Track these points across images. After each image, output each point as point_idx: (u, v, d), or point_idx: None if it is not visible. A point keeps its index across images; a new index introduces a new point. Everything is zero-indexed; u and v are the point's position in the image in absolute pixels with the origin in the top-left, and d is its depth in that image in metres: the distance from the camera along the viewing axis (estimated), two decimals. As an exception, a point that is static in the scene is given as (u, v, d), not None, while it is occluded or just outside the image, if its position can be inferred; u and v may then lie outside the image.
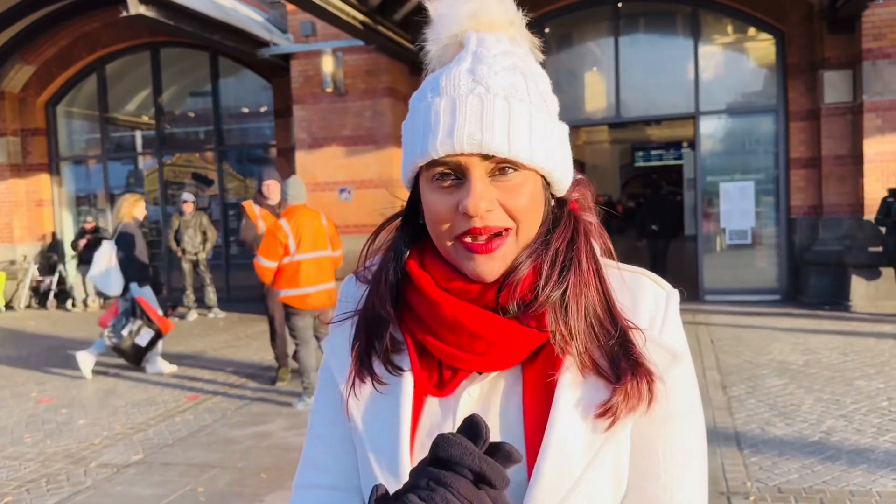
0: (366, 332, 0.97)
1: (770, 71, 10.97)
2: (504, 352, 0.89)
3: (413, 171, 0.92)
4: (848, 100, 10.00)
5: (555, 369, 0.89)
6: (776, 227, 10.99)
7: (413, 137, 0.91)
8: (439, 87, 0.89)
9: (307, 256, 6.06)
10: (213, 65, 13.27)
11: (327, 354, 1.04)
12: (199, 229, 11.40)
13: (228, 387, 7.02)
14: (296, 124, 11.22)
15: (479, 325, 0.88)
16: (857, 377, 6.41)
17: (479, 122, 0.85)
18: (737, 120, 11.21)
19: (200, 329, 10.50)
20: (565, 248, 0.92)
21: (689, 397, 0.93)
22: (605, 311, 0.91)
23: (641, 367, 0.87)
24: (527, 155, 0.87)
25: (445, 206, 0.88)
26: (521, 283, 0.89)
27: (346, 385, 0.97)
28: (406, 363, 0.94)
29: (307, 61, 11.01)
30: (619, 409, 0.86)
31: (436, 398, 0.93)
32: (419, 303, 0.93)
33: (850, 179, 10.10)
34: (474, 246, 0.87)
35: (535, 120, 0.89)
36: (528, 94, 0.90)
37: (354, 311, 1.00)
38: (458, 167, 0.87)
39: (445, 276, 0.92)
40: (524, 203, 0.88)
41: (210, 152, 14.01)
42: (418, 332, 0.93)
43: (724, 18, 11.18)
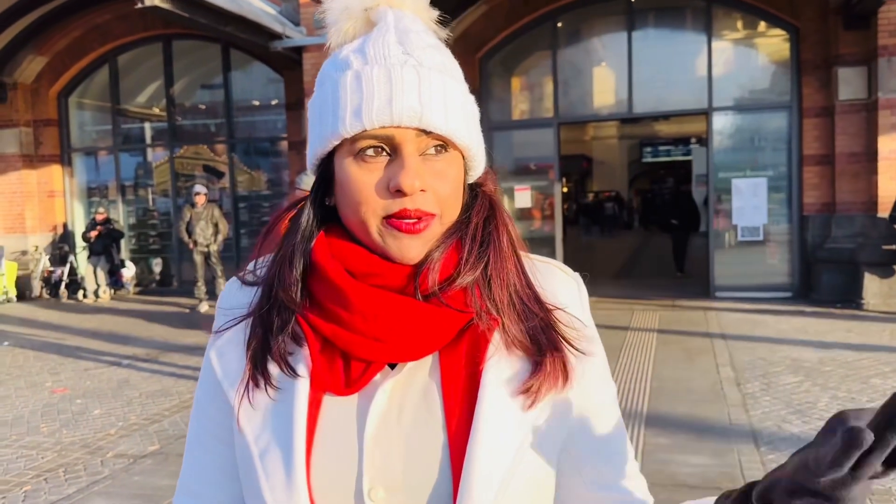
0: (262, 330, 0.88)
1: (784, 67, 10.91)
2: (422, 338, 0.82)
3: (331, 145, 0.84)
4: (863, 96, 9.95)
5: (480, 348, 0.84)
6: (788, 224, 10.95)
7: (336, 108, 0.82)
8: (367, 56, 0.83)
9: None
10: (224, 57, 13.26)
11: (211, 361, 0.93)
12: (211, 221, 11.42)
13: (242, 379, 7.03)
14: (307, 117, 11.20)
15: (396, 311, 0.82)
16: (873, 375, 6.39)
17: (418, 95, 0.80)
18: (750, 116, 11.16)
19: (212, 320, 10.51)
20: (483, 224, 0.88)
21: (607, 374, 0.94)
22: (525, 289, 0.88)
23: (561, 344, 0.86)
24: (462, 133, 0.84)
25: (372, 183, 0.81)
26: (440, 263, 0.84)
27: (238, 392, 0.87)
28: (303, 362, 0.85)
29: (320, 54, 10.98)
30: (541, 386, 0.83)
31: (341, 397, 0.85)
32: (324, 292, 0.85)
33: (863, 177, 10.05)
34: (402, 226, 0.81)
35: (465, 101, 0.86)
36: (454, 74, 0.86)
37: (248, 312, 0.90)
38: (391, 142, 0.81)
39: (359, 261, 0.85)
40: (451, 188, 0.84)
41: (221, 145, 14.02)
42: (323, 324, 0.85)
43: (738, 14, 11.13)
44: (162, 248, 14.27)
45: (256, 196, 13.90)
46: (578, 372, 0.87)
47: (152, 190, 14.53)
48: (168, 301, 12.60)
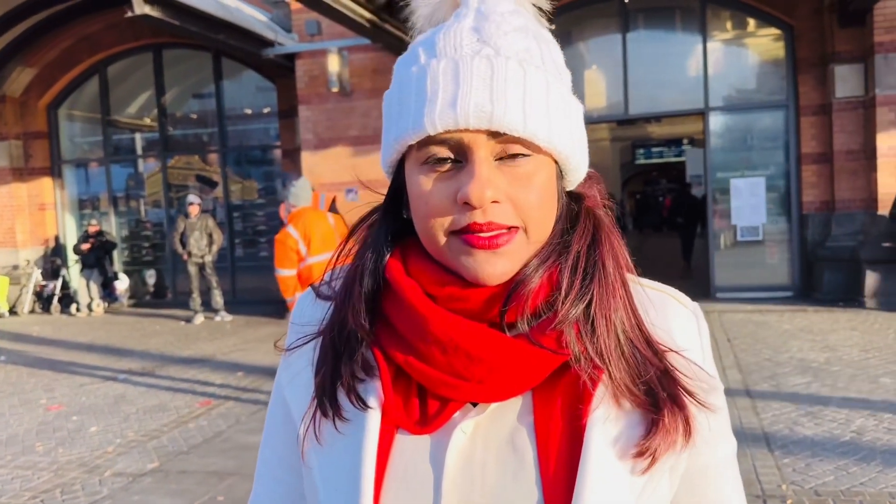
0: (333, 354, 0.79)
1: (780, 65, 10.87)
2: (509, 378, 0.72)
3: (398, 153, 0.75)
4: (860, 94, 9.91)
5: (582, 399, 0.72)
6: (788, 223, 10.89)
7: (401, 110, 0.74)
8: (435, 48, 0.73)
9: (318, 259, 5.91)
10: (216, 66, 13.16)
11: (283, 385, 0.86)
12: (205, 232, 11.29)
13: (241, 391, 6.90)
14: (301, 125, 11.13)
15: (479, 344, 0.71)
16: (881, 374, 6.31)
17: (489, 91, 0.69)
18: (746, 115, 11.11)
19: (208, 333, 10.39)
20: (586, 251, 0.76)
21: (728, 428, 0.82)
22: (635, 330, 0.75)
23: (681, 397, 0.74)
24: (545, 134, 0.71)
25: (440, 195, 0.71)
26: (533, 293, 0.72)
27: (304, 423, 0.80)
28: (375, 393, 0.76)
29: (312, 61, 10.91)
30: (658, 447, 0.71)
31: (417, 436, 0.75)
32: (401, 317, 0.76)
33: (862, 174, 10.00)
34: (474, 240, 0.70)
35: (552, 92, 0.73)
36: (543, 62, 0.74)
37: (318, 331, 0.83)
38: (460, 147, 0.71)
39: (436, 281, 0.74)
40: (536, 197, 0.72)
41: (213, 154, 13.90)
42: (397, 353, 0.75)
43: (733, 13, 11.08)
44: (155, 260, 14.13)
45: (250, 205, 13.79)
46: (702, 429, 0.75)
47: (144, 201, 14.40)
48: (163, 313, 12.46)
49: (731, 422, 0.84)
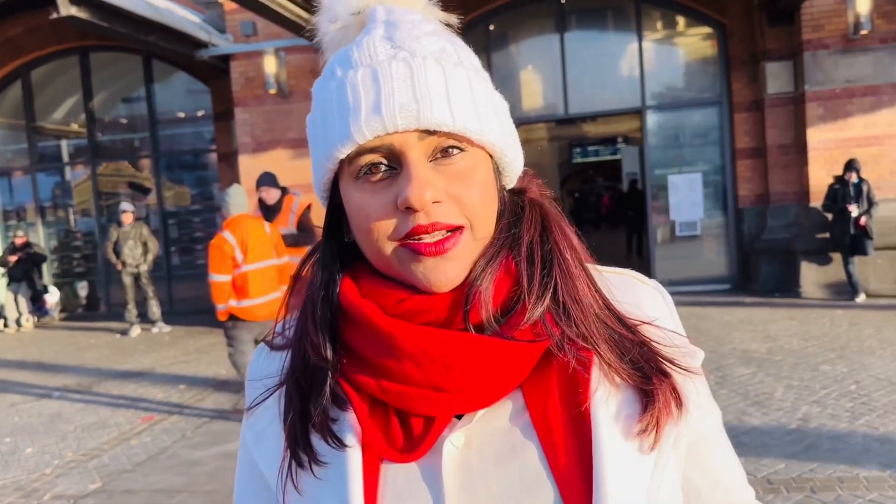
0: (300, 397, 0.74)
1: (713, 63, 11.13)
2: (491, 381, 0.68)
3: (330, 171, 0.72)
4: (790, 90, 10.21)
5: (578, 384, 0.69)
6: (724, 217, 11.16)
7: (326, 127, 0.71)
8: (350, 60, 0.71)
9: (254, 267, 5.79)
10: (146, 68, 12.77)
11: (250, 446, 0.81)
12: (140, 240, 10.91)
13: (184, 405, 6.67)
14: (238, 128, 10.87)
15: (453, 350, 0.68)
16: (821, 362, 6.49)
17: (412, 90, 0.67)
18: (682, 113, 11.33)
19: (146, 345, 10.05)
20: (539, 240, 0.74)
21: (708, 391, 0.81)
22: (604, 310, 0.74)
23: (663, 366, 0.72)
24: (475, 126, 0.69)
25: (379, 204, 0.69)
26: (493, 290, 0.70)
27: (280, 476, 0.74)
28: (351, 428, 0.71)
29: (248, 62, 10.67)
30: (660, 420, 0.69)
31: (403, 465, 0.71)
32: (365, 341, 0.71)
33: (794, 168, 10.31)
34: (421, 247, 0.68)
35: (476, 87, 0.71)
36: (461, 60, 0.72)
37: (279, 382, 0.78)
38: (391, 152, 0.68)
39: (394, 300, 0.71)
40: (478, 193, 0.70)
41: (145, 160, 13.47)
42: (368, 380, 0.71)
43: (667, 12, 11.29)
44: (87, 271, 13.61)
45: (186, 211, 13.42)
46: (691, 394, 0.73)
47: (73, 210, 13.86)
48: (97, 326, 12.00)
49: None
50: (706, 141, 11.25)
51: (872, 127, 9.65)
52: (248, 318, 5.87)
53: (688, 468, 0.78)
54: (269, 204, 6.94)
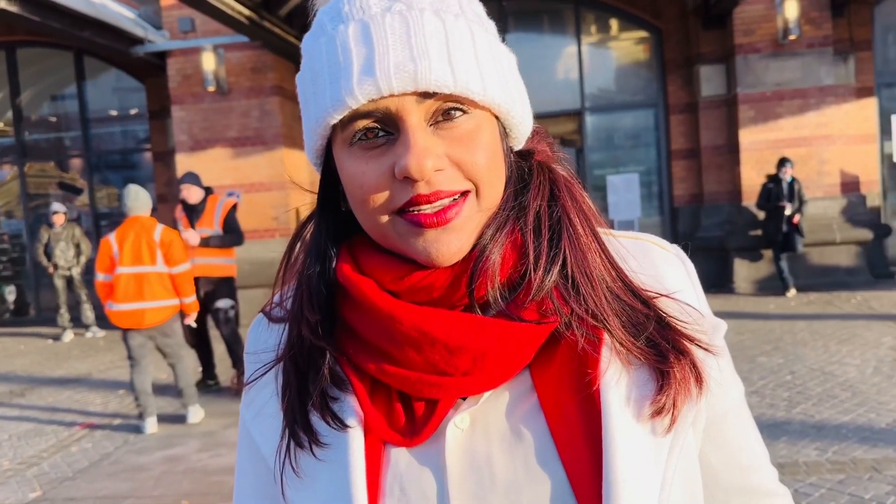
0: (297, 376, 0.71)
1: (649, 66, 11.42)
2: (497, 363, 0.65)
3: (323, 137, 0.67)
4: (723, 93, 10.55)
5: (587, 364, 0.66)
6: (661, 216, 11.46)
7: (316, 88, 0.66)
8: (341, 13, 0.65)
9: (125, 271, 5.64)
10: (77, 65, 12.33)
11: (248, 422, 0.78)
12: (72, 242, 10.55)
13: (125, 410, 6.49)
14: (175, 126, 10.61)
15: (457, 333, 0.64)
16: (758, 354, 6.72)
17: (408, 48, 0.62)
18: (619, 114, 11.59)
19: (80, 350, 9.72)
20: (547, 209, 0.69)
21: (733, 368, 0.77)
22: (617, 282, 0.69)
23: (681, 342, 0.67)
24: (478, 87, 0.64)
25: (375, 172, 0.64)
26: (499, 264, 0.66)
27: (278, 455, 0.71)
28: (352, 410, 0.68)
29: (185, 59, 10.44)
30: (677, 400, 0.65)
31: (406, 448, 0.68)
32: (363, 321, 0.68)
33: (727, 168, 10.65)
34: (421, 217, 0.63)
35: (478, 41, 0.66)
36: (462, 10, 0.67)
37: (277, 357, 0.74)
38: (387, 116, 0.63)
39: (394, 274, 0.67)
40: (484, 156, 0.65)
41: (77, 159, 13.03)
42: (368, 362, 0.68)
43: (605, 16, 11.53)
44: (15, 275, 13.06)
45: (119, 213, 12.97)
46: (712, 371, 0.68)
47: (-1, 212, 13.30)
48: (27, 332, 11.52)
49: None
50: (643, 142, 11.53)
51: (801, 128, 10.05)
52: (117, 324, 5.79)
53: (704, 446, 0.73)
54: (191, 203, 6.72)
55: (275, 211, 10.20)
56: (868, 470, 4.04)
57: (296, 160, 10.82)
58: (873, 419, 4.80)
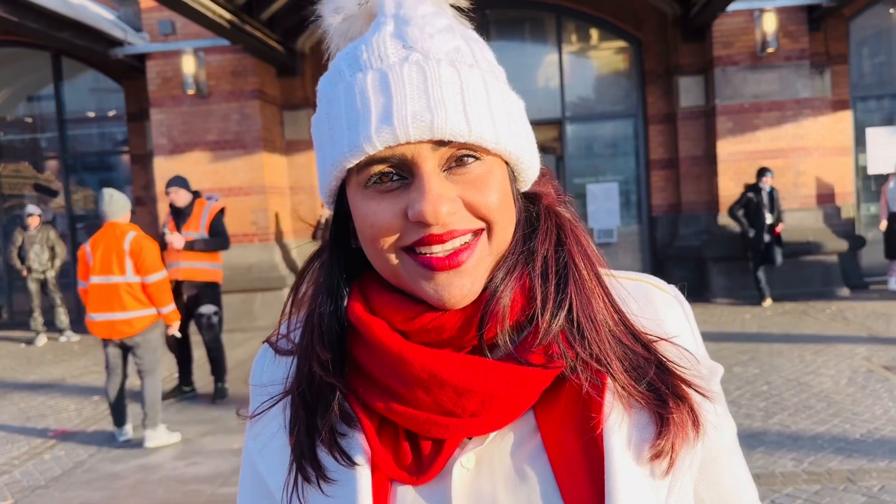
0: (306, 411, 0.72)
1: (630, 77, 11.51)
2: (504, 405, 0.67)
3: (338, 179, 0.69)
4: (702, 104, 10.67)
5: (591, 408, 0.67)
6: (639, 225, 11.54)
7: (333, 133, 0.68)
8: (359, 61, 0.68)
9: (96, 280, 5.51)
10: (55, 66, 12.18)
11: (254, 455, 0.78)
12: (47, 245, 10.41)
13: (99, 417, 6.40)
14: (153, 129, 10.52)
15: (466, 376, 0.66)
16: (734, 364, 6.78)
17: (425, 98, 0.64)
18: (600, 124, 11.67)
19: (54, 355, 9.58)
20: (553, 254, 0.71)
21: (727, 411, 0.79)
22: (620, 326, 0.71)
23: (681, 387, 0.70)
24: (492, 136, 0.66)
25: (388, 214, 0.66)
26: (509, 307, 0.68)
27: (286, 490, 0.72)
28: (360, 447, 0.69)
29: (165, 62, 10.36)
30: (675, 444, 0.67)
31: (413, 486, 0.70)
32: (373, 360, 0.70)
33: (705, 178, 10.76)
34: (433, 260, 0.65)
35: (491, 90, 0.69)
36: (476, 60, 0.69)
37: (285, 391, 0.75)
38: (403, 162, 0.65)
39: (404, 314, 0.68)
40: (495, 196, 0.67)
41: (53, 161, 12.86)
42: (376, 400, 0.69)
43: (587, 26, 11.61)
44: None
45: (96, 215, 12.82)
46: (709, 416, 0.71)
47: (-29, 213, 13.08)
48: (-1, 335, 11.37)
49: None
50: (622, 151, 11.62)
51: (777, 140, 10.18)
52: (92, 333, 5.67)
53: (698, 485, 0.76)
54: (179, 206, 6.65)
55: (253, 215, 10.14)
56: (843, 481, 4.08)
57: (275, 165, 10.78)
58: (848, 430, 4.86)
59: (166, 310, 5.64)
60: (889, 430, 4.81)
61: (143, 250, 5.52)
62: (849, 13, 10.77)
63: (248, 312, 9.87)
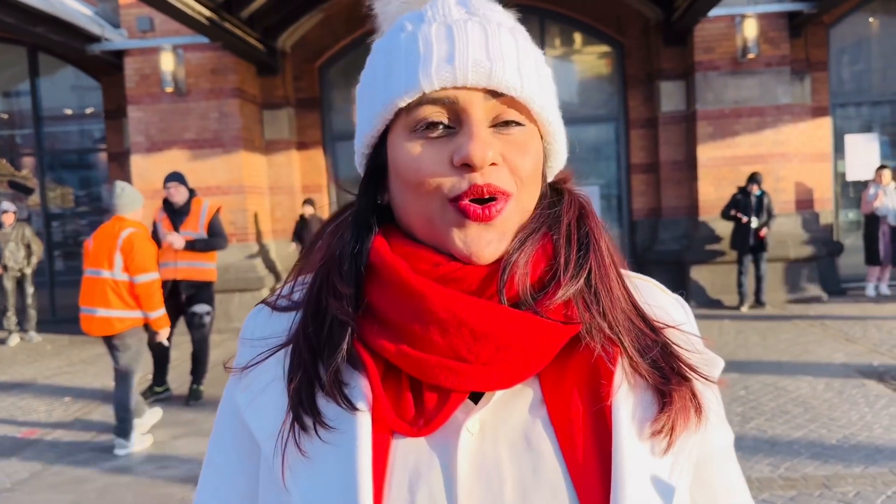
0: (310, 355, 0.70)
1: (611, 81, 11.53)
2: (517, 357, 0.66)
3: (385, 120, 0.70)
4: (682, 108, 10.70)
5: (602, 376, 0.68)
6: (620, 229, 11.55)
7: (389, 76, 0.70)
8: (424, 17, 0.72)
9: (86, 273, 5.43)
10: (31, 61, 12.00)
11: (241, 408, 0.74)
12: (22, 242, 10.22)
13: (70, 418, 6.29)
14: (131, 126, 10.39)
15: (486, 319, 0.65)
16: (712, 369, 6.78)
17: (486, 50, 0.68)
18: (581, 128, 11.66)
19: (26, 355, 9.41)
20: (576, 224, 0.74)
21: (724, 415, 0.80)
22: (629, 305, 0.73)
23: (684, 371, 0.71)
24: (539, 99, 0.70)
25: (434, 158, 0.67)
26: (531, 265, 0.69)
27: (279, 441, 0.69)
28: (362, 393, 0.67)
29: (143, 59, 10.24)
30: (676, 423, 0.68)
31: (413, 439, 0.67)
32: (391, 301, 0.69)
33: (685, 183, 10.79)
34: (469, 209, 0.66)
35: (541, 66, 0.74)
36: (528, 40, 0.75)
37: (285, 341, 0.73)
38: (454, 107, 0.67)
39: (429, 261, 0.69)
40: (531, 163, 0.70)
41: (28, 157, 12.68)
42: (387, 343, 0.68)
43: (570, 30, 11.61)
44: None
45: (72, 213, 12.72)
46: (711, 404, 0.73)
47: (-56, 209, 12.84)
48: (-31, 334, 11.15)
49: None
50: (603, 156, 11.63)
51: (757, 146, 10.23)
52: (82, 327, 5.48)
53: (692, 485, 0.74)
54: (177, 203, 6.50)
55: (232, 215, 10.03)
56: (819, 486, 4.08)
57: (254, 164, 10.68)
58: (824, 435, 4.86)
59: (154, 314, 5.41)
60: (865, 435, 4.81)
61: (134, 248, 5.31)
62: (829, 20, 10.85)
63: (225, 313, 9.75)
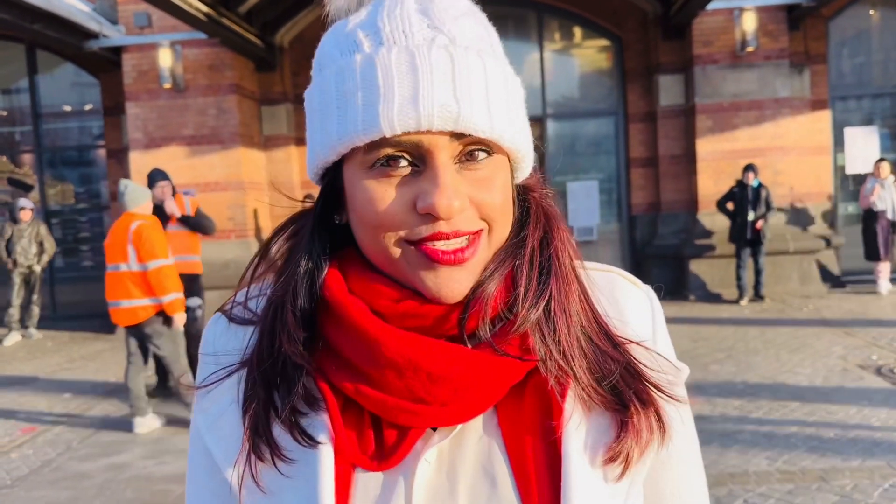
0: (264, 387, 0.68)
1: (610, 75, 11.51)
2: (475, 395, 0.65)
3: (339, 154, 0.65)
4: (681, 102, 10.68)
5: (552, 409, 0.67)
6: (619, 224, 11.55)
7: (343, 105, 0.64)
8: (381, 34, 0.64)
9: (107, 269, 5.66)
10: (29, 58, 11.97)
11: (202, 431, 0.73)
12: (36, 239, 10.20)
13: (70, 415, 6.30)
14: (129, 123, 10.38)
15: (443, 363, 0.64)
16: (710, 362, 6.79)
17: (452, 88, 0.62)
18: (581, 122, 11.66)
19: (26, 352, 9.43)
20: (539, 245, 0.70)
21: (691, 419, 0.78)
22: (593, 323, 0.70)
23: (648, 392, 0.68)
24: (509, 133, 0.65)
25: (396, 202, 0.63)
26: (493, 297, 0.66)
27: (238, 469, 0.68)
28: (324, 427, 0.66)
29: (141, 55, 10.22)
30: (631, 450, 0.67)
31: (378, 473, 0.67)
32: (345, 340, 0.67)
33: (684, 177, 10.77)
34: (437, 254, 0.63)
35: (510, 86, 0.68)
36: (494, 50, 0.69)
37: (241, 361, 0.71)
38: (417, 149, 0.63)
39: (388, 297, 0.66)
40: (500, 198, 0.66)
41: (27, 154, 12.66)
42: (345, 381, 0.66)
43: (568, 24, 11.58)
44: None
45: (71, 210, 12.69)
46: (675, 423, 0.70)
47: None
48: (-30, 331, 11.16)
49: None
50: (603, 150, 11.61)
51: (756, 139, 10.21)
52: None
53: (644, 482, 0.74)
54: (163, 202, 6.67)
55: (230, 211, 10.03)
56: (816, 480, 4.08)
57: (253, 160, 10.67)
58: (822, 429, 4.87)
59: (166, 298, 5.55)
60: (863, 429, 4.82)
61: (142, 238, 5.48)
62: (828, 13, 10.82)
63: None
